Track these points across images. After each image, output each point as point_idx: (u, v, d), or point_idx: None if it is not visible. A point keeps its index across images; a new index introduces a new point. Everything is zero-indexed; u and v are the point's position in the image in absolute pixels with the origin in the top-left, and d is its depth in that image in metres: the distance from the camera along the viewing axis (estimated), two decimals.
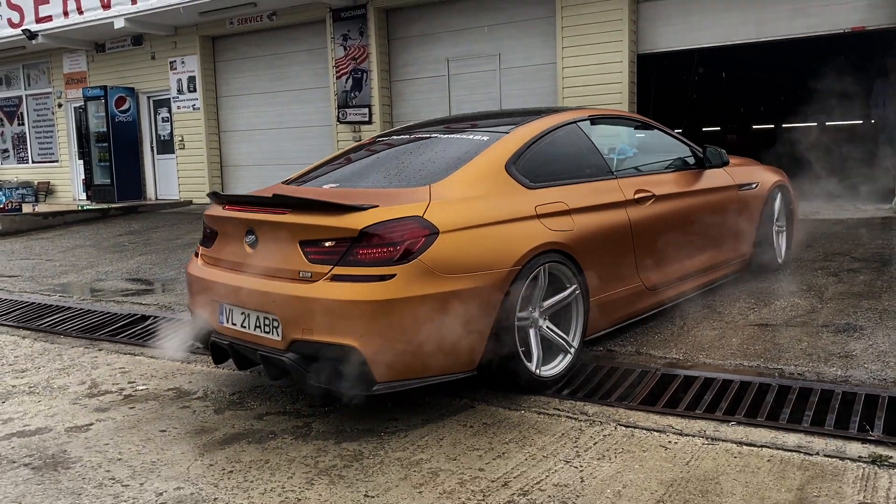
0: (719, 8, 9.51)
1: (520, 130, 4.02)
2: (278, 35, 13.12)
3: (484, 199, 3.56)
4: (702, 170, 4.94)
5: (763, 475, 2.73)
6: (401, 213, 3.27)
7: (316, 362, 3.23)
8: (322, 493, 2.77)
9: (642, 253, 4.20)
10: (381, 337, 3.13)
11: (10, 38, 14.79)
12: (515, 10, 10.79)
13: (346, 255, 3.21)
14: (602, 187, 4.11)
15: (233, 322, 3.59)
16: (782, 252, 5.73)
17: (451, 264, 3.26)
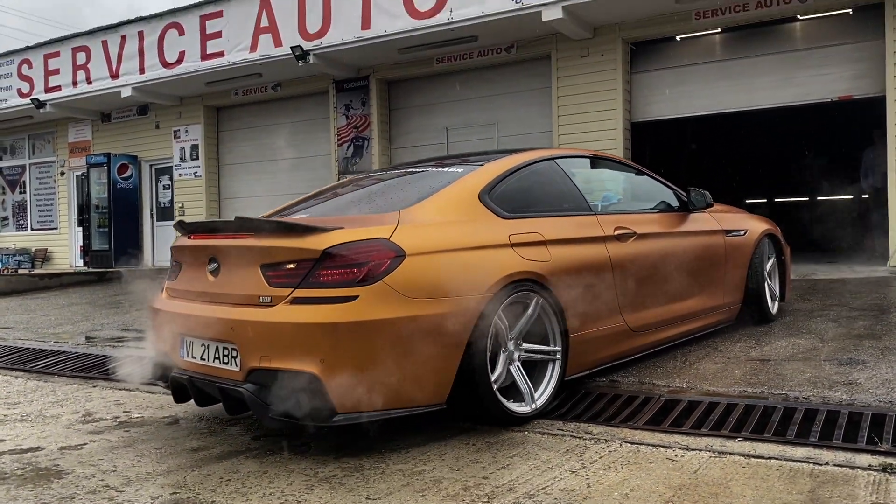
0: (710, 78, 9.85)
1: (496, 163, 3.97)
2: (282, 105, 13.46)
3: (455, 225, 3.46)
4: (686, 213, 4.85)
5: (773, 481, 2.68)
6: (367, 235, 3.16)
7: (274, 392, 2.99)
8: (323, 497, 2.70)
9: (625, 291, 4.07)
10: (341, 363, 2.95)
11: (18, 108, 15.11)
12: (512, 81, 11.13)
13: (307, 276, 3.06)
14: (580, 221, 4.03)
15: (193, 355, 3.39)
16: (775, 303, 5.61)
17: (418, 288, 3.12)
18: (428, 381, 3.15)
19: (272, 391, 3.00)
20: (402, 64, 11.65)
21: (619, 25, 10.02)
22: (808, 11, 9.13)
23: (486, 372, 3.28)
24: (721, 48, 9.92)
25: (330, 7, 10.98)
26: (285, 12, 11.40)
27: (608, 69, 10.16)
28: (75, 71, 13.99)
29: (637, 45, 10.26)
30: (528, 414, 3.45)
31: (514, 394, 3.47)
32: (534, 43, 10.62)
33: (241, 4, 11.89)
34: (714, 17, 9.45)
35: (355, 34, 10.76)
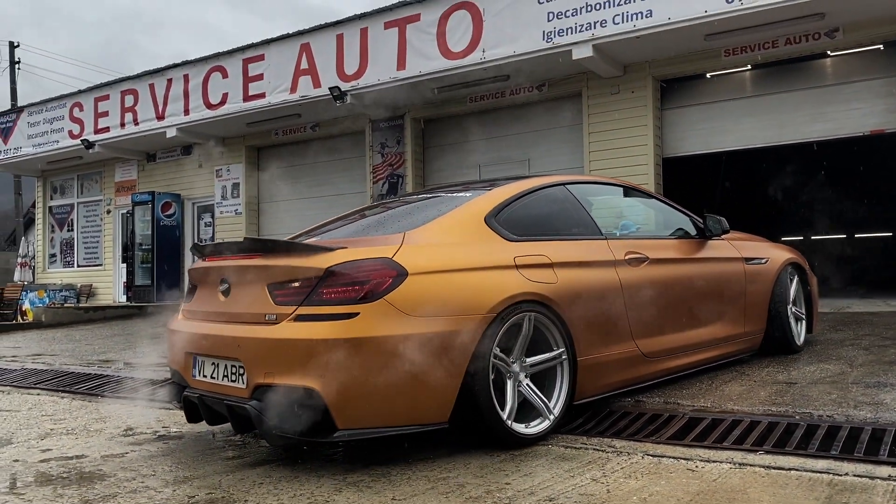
0: (741, 113, 9.94)
1: (504, 188, 4.02)
2: (320, 144, 13.85)
3: (459, 246, 3.52)
4: (703, 239, 4.83)
5: (791, 489, 2.71)
6: (369, 255, 3.24)
7: (277, 408, 3.05)
8: (350, 498, 2.81)
9: (637, 316, 4.05)
10: (342, 378, 2.98)
11: (69, 149, 15.76)
12: (544, 118, 11.35)
13: (310, 294, 3.14)
14: (589, 245, 4.04)
15: (204, 374, 3.47)
16: (801, 333, 5.47)
17: (420, 306, 3.16)
18: (429, 399, 3.16)
19: (275, 407, 3.05)
20: (435, 103, 11.95)
21: (648, 63, 10.20)
22: (837, 47, 9.21)
23: (489, 391, 3.27)
24: (751, 84, 10.02)
25: (367, 49, 11.36)
26: (324, 55, 11.81)
27: (639, 106, 10.31)
28: (123, 113, 14.58)
29: (667, 82, 10.41)
30: (535, 435, 3.44)
31: (522, 415, 3.46)
32: (565, 81, 10.84)
33: (281, 48, 12.36)
34: (744, 53, 9.57)
35: (391, 75, 11.09)
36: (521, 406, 3.48)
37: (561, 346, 3.62)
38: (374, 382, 3.03)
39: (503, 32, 10.04)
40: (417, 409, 3.15)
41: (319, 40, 11.89)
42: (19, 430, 4.37)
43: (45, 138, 16.15)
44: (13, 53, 27.79)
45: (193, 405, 3.53)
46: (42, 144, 16.20)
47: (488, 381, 3.28)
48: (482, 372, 3.26)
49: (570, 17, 9.55)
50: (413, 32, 10.83)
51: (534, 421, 3.49)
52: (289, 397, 3.03)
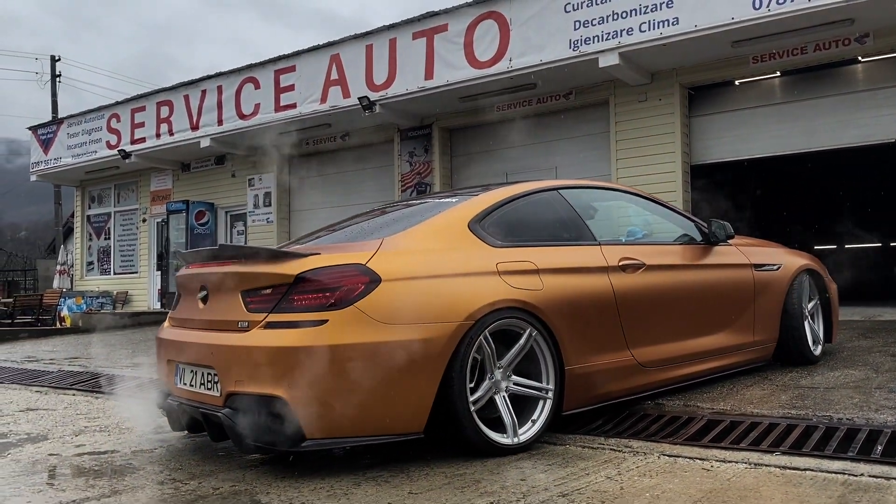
0: (769, 120, 9.87)
1: (491, 193, 3.95)
2: (349, 154, 14.02)
3: (438, 253, 3.45)
4: (708, 245, 4.65)
5: (805, 487, 2.73)
6: (342, 261, 3.20)
7: (248, 417, 3.03)
8: (368, 491, 2.89)
9: (632, 324, 3.93)
10: (309, 387, 2.94)
11: (106, 159, 16.16)
12: (571, 126, 11.38)
13: (281, 301, 3.11)
14: (580, 251, 3.94)
15: (184, 381, 3.48)
16: (819, 344, 5.23)
17: (393, 313, 3.10)
18: (403, 408, 3.09)
19: (246, 416, 3.03)
20: (463, 112, 12.06)
21: (676, 71, 10.19)
22: (868, 53, 9.12)
23: (467, 400, 3.21)
24: (780, 91, 9.96)
25: (395, 59, 11.51)
26: (354, 65, 11.99)
27: (666, 113, 10.31)
28: (159, 123, 14.92)
29: (695, 90, 10.39)
30: (510, 446, 3.34)
31: (499, 424, 3.39)
32: (592, 89, 10.88)
33: (312, 59, 12.58)
34: (772, 60, 9.53)
35: (419, 84, 11.23)
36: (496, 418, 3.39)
37: (546, 355, 3.53)
38: (344, 391, 2.97)
39: (530, 41, 10.12)
40: (391, 418, 3.08)
41: (349, 51, 12.08)
42: (55, 427, 4.53)
43: (83, 149, 16.58)
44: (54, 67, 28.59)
45: (175, 413, 3.52)
46: (81, 155, 16.64)
47: (465, 389, 3.21)
48: (459, 380, 3.18)
49: (596, 25, 9.60)
50: (440, 42, 10.96)
51: (506, 433, 3.37)
52: (257, 406, 3.01)
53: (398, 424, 3.11)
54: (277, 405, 2.97)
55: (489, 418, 3.36)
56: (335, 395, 2.97)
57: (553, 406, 3.53)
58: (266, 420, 2.99)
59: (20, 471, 3.45)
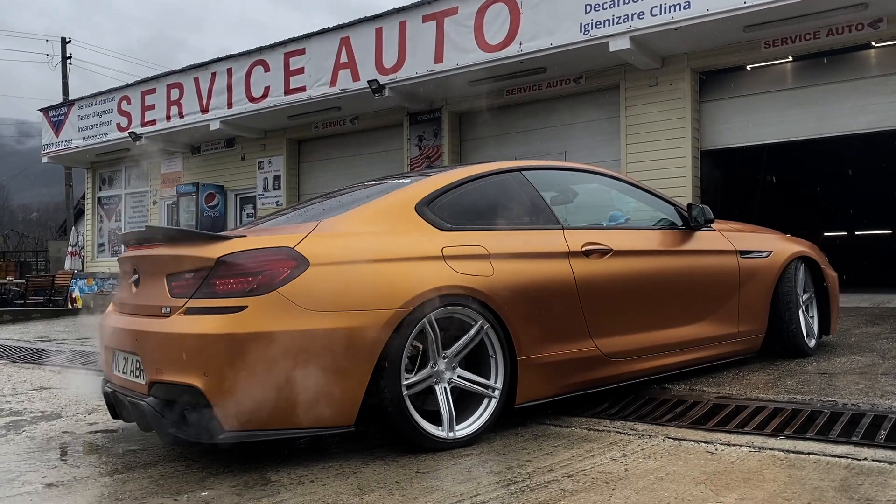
0: (780, 106, 9.82)
1: (444, 174, 3.78)
2: (358, 137, 14.04)
3: (377, 235, 3.28)
4: (688, 230, 4.42)
5: (808, 471, 2.76)
6: (268, 244, 3.06)
7: (168, 406, 2.93)
8: (376, 470, 2.94)
9: (595, 313, 3.75)
10: (226, 377, 2.80)
11: (117, 141, 16.22)
12: (581, 111, 11.35)
13: (201, 286, 2.96)
14: (539, 236, 3.74)
15: (118, 368, 3.34)
16: (813, 335, 5.03)
17: (321, 299, 2.94)
18: (331, 400, 2.93)
19: (166, 405, 2.93)
20: (473, 96, 12.02)
21: (687, 55, 10.13)
22: (881, 38, 9.04)
23: (401, 391, 3.05)
24: (792, 76, 9.90)
25: (405, 42, 11.48)
26: (363, 48, 11.97)
27: (677, 98, 10.26)
28: (169, 106, 14.95)
29: (706, 75, 10.33)
30: (446, 441, 3.17)
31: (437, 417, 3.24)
32: (602, 73, 10.83)
33: (322, 42, 12.56)
34: (784, 45, 9.46)
35: (428, 68, 11.20)
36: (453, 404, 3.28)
37: (494, 344, 3.38)
38: (264, 382, 2.83)
39: (540, 25, 10.07)
40: (317, 410, 2.91)
41: (359, 34, 12.05)
42: (69, 405, 4.60)
43: (94, 131, 16.65)
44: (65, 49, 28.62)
45: (111, 400, 3.40)
46: (91, 137, 16.72)
47: (399, 381, 3.05)
48: (393, 371, 3.03)
49: (607, 8, 9.55)
50: (451, 26, 10.93)
51: (460, 423, 3.24)
52: (177, 395, 2.91)
53: (326, 417, 2.94)
54: (194, 395, 2.84)
55: (430, 410, 3.23)
56: (254, 386, 2.82)
57: (501, 400, 3.37)
58: (185, 411, 2.88)
59: (35, 447, 3.52)
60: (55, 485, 2.91)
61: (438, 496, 2.59)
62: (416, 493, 2.63)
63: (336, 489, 2.72)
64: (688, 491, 2.56)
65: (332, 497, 2.63)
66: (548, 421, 3.66)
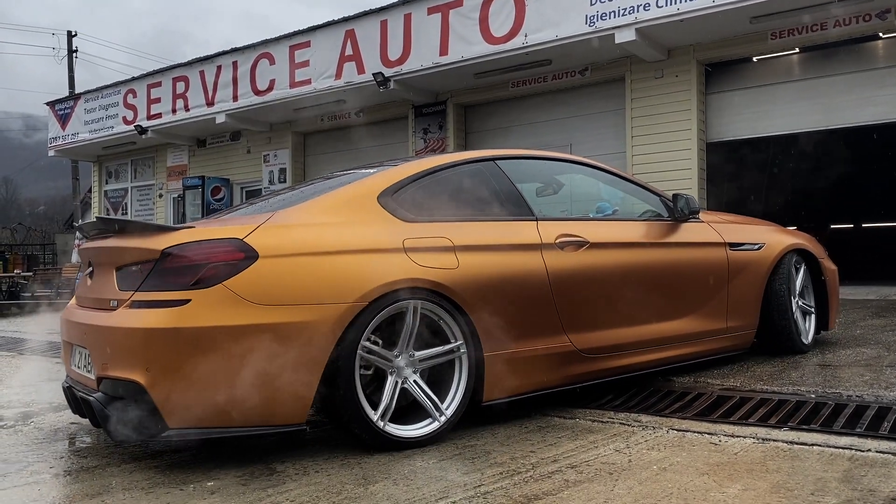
0: (786, 98, 9.78)
1: (411, 163, 3.66)
2: (363, 131, 14.03)
3: (334, 227, 3.16)
4: (674, 222, 4.27)
5: (811, 462, 2.76)
6: (216, 235, 2.95)
7: (113, 402, 2.86)
8: (381, 460, 2.95)
9: (570, 308, 3.62)
10: (168, 373, 2.73)
11: (123, 134, 16.26)
12: (586, 103, 11.33)
13: (147, 279, 2.88)
14: (509, 227, 3.60)
15: (75, 363, 3.28)
16: (809, 331, 4.86)
17: (270, 293, 2.84)
18: (280, 398, 2.83)
19: (112, 401, 2.87)
20: (478, 88, 12.02)
21: (693, 47, 10.10)
22: (889, 29, 8.99)
23: (355, 391, 2.95)
24: (799, 68, 9.86)
25: (410, 35, 11.47)
26: (368, 41, 11.97)
27: (682, 90, 10.23)
28: (175, 99, 14.97)
29: (712, 66, 10.30)
30: (418, 438, 3.11)
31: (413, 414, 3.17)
32: (608, 65, 10.81)
33: (327, 34, 12.56)
34: (791, 36, 9.42)
35: (433, 60, 11.19)
36: (413, 404, 3.21)
37: (458, 339, 3.25)
38: (209, 379, 2.74)
39: (545, 17, 10.05)
40: (265, 408, 2.82)
41: (364, 27, 12.05)
42: None
43: (100, 124, 16.69)
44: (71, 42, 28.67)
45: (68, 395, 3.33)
46: (98, 130, 16.76)
47: (353, 377, 2.95)
48: (347, 369, 2.93)
49: (612, 0, 9.51)
50: (456, 18, 10.91)
51: (422, 421, 3.16)
52: (121, 391, 2.85)
53: (275, 416, 2.86)
54: (137, 392, 2.76)
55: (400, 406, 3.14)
56: (197, 383, 2.74)
57: (464, 396, 3.26)
58: (129, 407, 2.81)
59: (43, 438, 3.55)
60: (62, 474, 2.93)
61: (443, 486, 2.61)
62: (420, 484, 2.65)
63: (341, 479, 2.73)
64: (691, 482, 2.57)
65: (337, 487, 2.65)
66: (552, 412, 3.67)
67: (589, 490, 2.53)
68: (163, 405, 2.72)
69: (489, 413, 3.55)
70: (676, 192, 4.37)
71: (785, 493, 2.43)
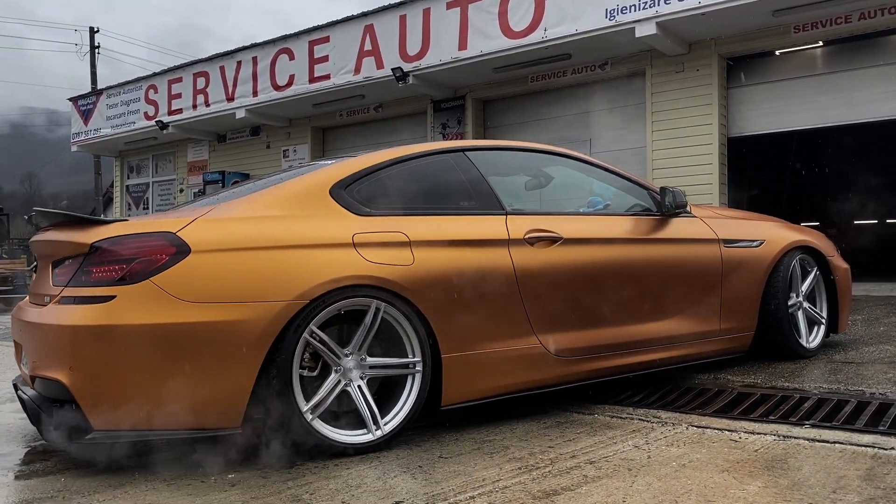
0: (809, 91, 9.67)
1: (370, 155, 3.49)
2: (382, 125, 14.07)
3: (278, 220, 3.01)
4: (662, 217, 4.04)
5: (833, 459, 2.74)
6: (147, 229, 2.82)
7: (44, 402, 2.79)
8: (399, 454, 2.97)
9: (540, 307, 3.43)
10: (92, 373, 2.63)
11: (144, 130, 16.41)
12: (606, 98, 11.26)
13: (75, 274, 2.78)
14: (472, 222, 3.42)
15: (22, 361, 3.18)
16: (815, 334, 4.60)
17: (200, 290, 2.72)
18: (211, 401, 2.72)
19: (43, 401, 2.80)
20: (497, 83, 11.99)
21: (714, 41, 10.01)
22: None
23: (292, 394, 2.82)
24: (822, 61, 9.74)
25: (429, 30, 11.47)
26: (387, 36, 11.98)
27: (704, 84, 10.15)
28: (195, 95, 15.08)
29: (734, 60, 10.20)
30: (363, 445, 2.95)
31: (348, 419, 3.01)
32: (628, 59, 10.74)
33: (346, 29, 12.59)
34: (814, 29, 9.31)
35: (452, 55, 11.18)
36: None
37: (416, 356, 3.09)
38: (135, 379, 2.64)
39: (565, 11, 10.00)
40: (196, 411, 2.70)
41: (383, 21, 12.06)
42: None
43: (122, 119, 16.86)
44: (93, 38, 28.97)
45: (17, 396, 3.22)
46: (119, 126, 16.93)
47: (292, 380, 2.82)
48: (284, 370, 2.80)
49: None
50: (475, 12, 10.89)
51: (359, 430, 2.98)
52: (49, 391, 2.77)
53: (207, 419, 2.73)
54: (61, 391, 2.67)
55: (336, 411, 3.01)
56: (123, 384, 2.63)
57: (416, 399, 3.09)
58: (56, 408, 2.72)
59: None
60: (84, 465, 2.97)
61: (462, 481, 2.62)
62: (439, 478, 2.66)
63: (360, 473, 2.75)
64: (711, 478, 2.56)
65: (357, 480, 2.66)
66: (571, 408, 3.67)
67: (608, 486, 2.53)
68: (87, 406, 2.63)
69: (507, 408, 3.56)
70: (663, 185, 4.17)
71: (806, 490, 2.41)
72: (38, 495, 2.61)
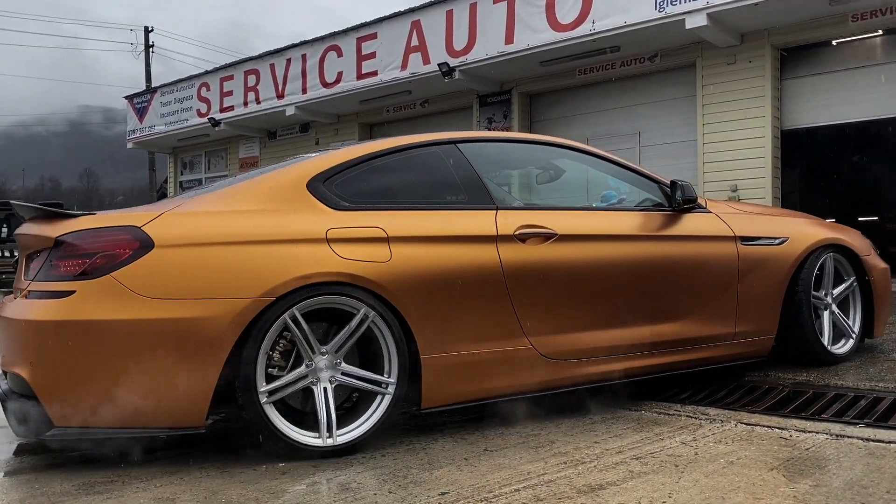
0: (866, 82, 9.40)
1: (354, 147, 3.41)
2: (428, 121, 14.12)
3: (249, 215, 2.93)
4: (671, 212, 3.81)
5: (888, 460, 2.68)
6: (112, 223, 2.80)
7: (11, 397, 2.79)
8: (445, 446, 3.00)
9: (531, 307, 3.27)
10: (51, 368, 2.61)
11: (197, 127, 16.78)
12: (655, 90, 11.12)
13: (41, 268, 2.78)
14: (460, 217, 3.28)
15: None
16: (847, 338, 4.30)
17: (162, 286, 2.67)
18: (173, 399, 2.67)
19: (10, 397, 2.80)
20: (543, 77, 11.93)
21: (767, 31, 9.79)
22: None
23: (255, 393, 2.75)
24: (882, 51, 9.45)
25: (475, 24, 11.47)
26: (434, 31, 12.02)
27: (756, 76, 9.95)
28: (246, 92, 15.36)
29: (788, 51, 9.97)
30: (309, 447, 2.83)
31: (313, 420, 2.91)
32: (678, 51, 10.57)
33: (393, 26, 12.67)
34: (872, 18, 9.04)
35: (499, 49, 11.17)
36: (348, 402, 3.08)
37: (391, 376, 2.98)
38: (94, 376, 2.62)
39: (613, 3, 9.90)
40: (158, 409, 2.67)
41: (430, 17, 12.10)
42: None
43: (175, 117, 17.27)
44: (147, 38, 29.68)
45: None
46: (173, 123, 17.35)
47: (255, 380, 2.75)
48: (248, 369, 2.74)
49: None
50: (521, 6, 10.85)
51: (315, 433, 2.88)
52: (15, 386, 2.79)
53: (171, 417, 2.70)
54: (22, 386, 2.69)
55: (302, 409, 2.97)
56: (82, 380, 2.61)
57: (392, 403, 2.98)
58: (20, 403, 2.72)
59: None
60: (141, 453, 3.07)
61: (507, 474, 2.64)
62: (484, 470, 2.68)
63: (406, 463, 2.79)
64: (759, 476, 2.53)
65: (403, 471, 2.70)
66: (617, 404, 3.65)
67: (654, 481, 2.52)
68: (47, 402, 2.61)
69: (553, 404, 3.56)
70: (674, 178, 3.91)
71: (859, 490, 2.37)
72: (99, 479, 2.72)
